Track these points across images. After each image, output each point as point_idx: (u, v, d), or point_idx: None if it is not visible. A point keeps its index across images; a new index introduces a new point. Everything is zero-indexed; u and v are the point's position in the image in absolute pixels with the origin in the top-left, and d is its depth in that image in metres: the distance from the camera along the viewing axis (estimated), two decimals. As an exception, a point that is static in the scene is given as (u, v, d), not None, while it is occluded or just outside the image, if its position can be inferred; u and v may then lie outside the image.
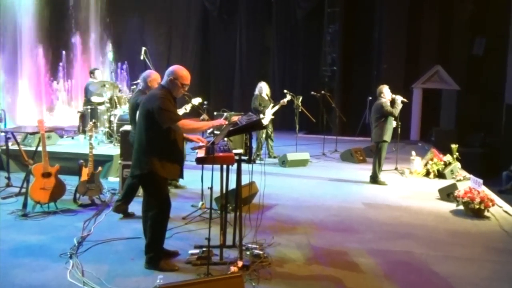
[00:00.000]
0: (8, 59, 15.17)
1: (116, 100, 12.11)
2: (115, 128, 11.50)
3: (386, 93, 10.60)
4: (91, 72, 13.57)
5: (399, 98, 10.60)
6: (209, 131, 6.95)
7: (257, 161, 11.64)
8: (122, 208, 7.61)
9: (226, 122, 5.63)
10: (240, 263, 5.62)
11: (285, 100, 13.01)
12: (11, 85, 15.33)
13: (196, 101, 9.44)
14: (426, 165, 11.94)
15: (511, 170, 13.41)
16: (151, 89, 7.37)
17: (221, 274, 5.32)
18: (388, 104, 10.49)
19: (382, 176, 10.90)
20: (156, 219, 5.67)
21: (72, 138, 12.86)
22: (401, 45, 19.52)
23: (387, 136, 10.52)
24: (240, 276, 4.85)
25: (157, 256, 5.70)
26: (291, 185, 10.49)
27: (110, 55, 14.80)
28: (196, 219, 7.61)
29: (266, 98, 12.94)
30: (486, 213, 8.47)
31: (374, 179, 10.82)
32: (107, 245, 6.46)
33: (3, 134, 10.00)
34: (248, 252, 6.08)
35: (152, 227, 5.68)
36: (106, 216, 7.66)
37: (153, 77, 7.45)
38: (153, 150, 5.49)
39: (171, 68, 5.71)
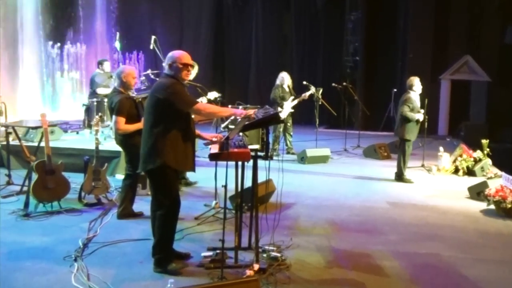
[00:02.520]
0: (9, 50, 15.23)
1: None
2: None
3: (417, 86, 10.50)
4: (100, 63, 13.53)
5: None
6: (223, 125, 6.93)
7: (275, 158, 11.58)
8: (126, 212, 7.60)
9: (250, 112, 5.56)
10: (256, 266, 5.60)
11: (307, 94, 13.00)
12: (12, 77, 15.39)
13: (212, 95, 9.26)
14: (454, 161, 11.86)
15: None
16: (127, 85, 7.34)
17: (236, 277, 5.33)
18: (413, 102, 10.33)
19: (407, 174, 10.83)
20: (166, 219, 5.66)
21: (77, 133, 12.95)
22: (428, 34, 19.32)
23: (410, 135, 10.43)
24: (256, 280, 4.81)
25: (166, 257, 5.69)
26: (310, 183, 10.47)
27: (117, 44, 14.81)
28: (209, 219, 7.61)
29: (287, 89, 12.93)
30: (519, 213, 8.40)
31: (399, 177, 10.75)
32: (114, 247, 6.47)
33: (3, 128, 10.03)
34: (264, 255, 6.07)
35: (161, 227, 5.67)
36: (113, 216, 7.66)
37: (127, 72, 7.39)
38: (164, 142, 5.47)
39: (167, 56, 5.74)
